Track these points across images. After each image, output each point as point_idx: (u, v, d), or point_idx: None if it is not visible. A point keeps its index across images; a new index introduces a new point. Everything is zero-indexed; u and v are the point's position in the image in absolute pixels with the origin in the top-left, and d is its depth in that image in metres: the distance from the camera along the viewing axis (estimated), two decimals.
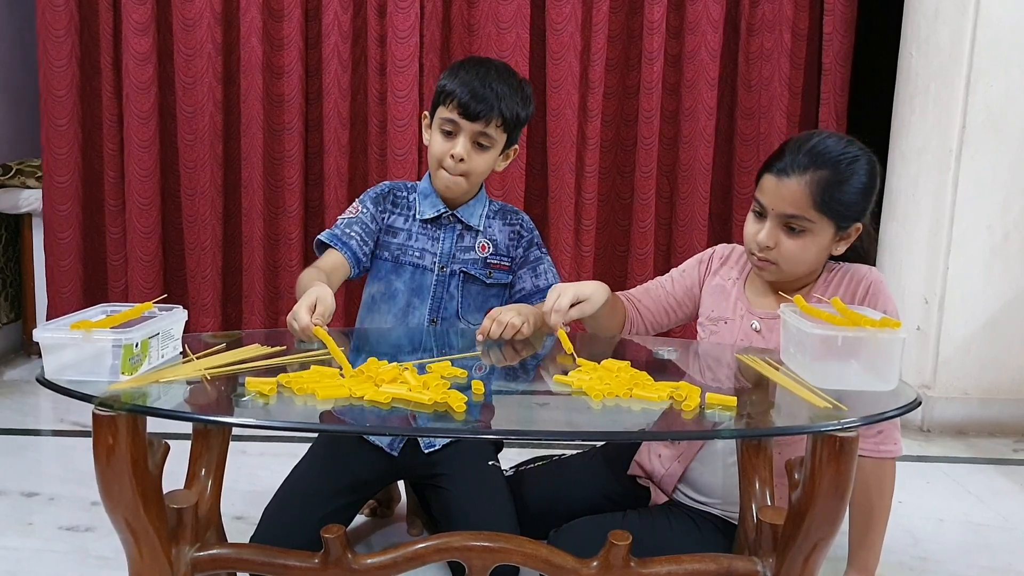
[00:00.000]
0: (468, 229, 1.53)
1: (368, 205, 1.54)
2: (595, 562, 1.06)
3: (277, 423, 0.99)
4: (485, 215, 1.55)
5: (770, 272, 1.32)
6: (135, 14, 2.56)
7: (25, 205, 2.73)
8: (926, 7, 2.36)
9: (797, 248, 1.26)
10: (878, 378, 1.05)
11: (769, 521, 1.08)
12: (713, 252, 1.49)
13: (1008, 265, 2.34)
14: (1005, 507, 1.89)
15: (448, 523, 1.41)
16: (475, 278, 1.52)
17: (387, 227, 1.54)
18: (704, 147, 2.71)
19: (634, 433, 1.11)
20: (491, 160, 1.48)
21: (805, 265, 1.30)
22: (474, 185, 1.50)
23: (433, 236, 1.52)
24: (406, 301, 1.52)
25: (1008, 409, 2.41)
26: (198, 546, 1.09)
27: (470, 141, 1.44)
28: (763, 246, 1.28)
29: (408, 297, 1.52)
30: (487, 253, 1.53)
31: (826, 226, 1.25)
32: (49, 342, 0.99)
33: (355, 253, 1.49)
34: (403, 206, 1.55)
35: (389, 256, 1.52)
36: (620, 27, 2.69)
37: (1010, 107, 2.27)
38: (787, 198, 1.24)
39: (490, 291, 1.54)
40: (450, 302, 1.51)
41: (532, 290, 1.55)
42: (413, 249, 1.52)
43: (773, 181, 1.26)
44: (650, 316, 1.47)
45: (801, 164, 1.23)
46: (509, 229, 1.56)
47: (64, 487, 1.82)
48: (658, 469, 1.45)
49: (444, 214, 1.52)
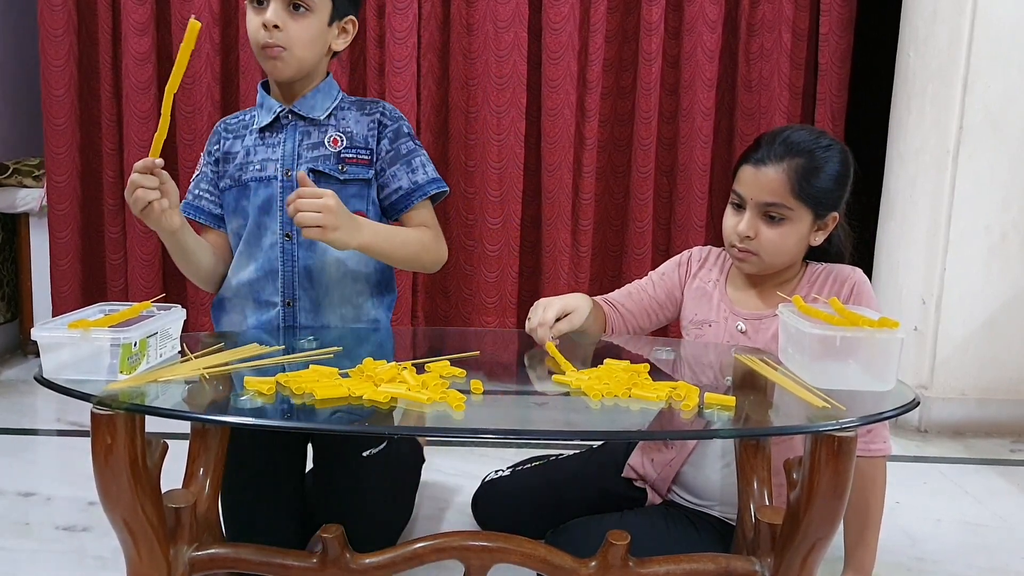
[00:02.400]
0: (313, 124, 1.37)
1: (205, 155, 1.43)
2: (593, 562, 1.06)
3: (275, 423, 0.99)
4: (335, 108, 1.39)
5: (751, 264, 1.32)
6: (134, 14, 2.56)
7: (22, 204, 2.72)
8: (924, 8, 2.36)
9: (777, 237, 1.28)
10: (876, 378, 1.05)
11: (767, 521, 1.08)
12: (690, 255, 1.49)
13: (1006, 265, 2.34)
14: (1002, 507, 1.89)
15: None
16: (327, 175, 1.35)
17: (223, 156, 1.41)
18: (701, 147, 2.71)
19: (633, 433, 1.11)
20: (314, 28, 1.31)
21: (785, 255, 1.31)
22: (303, 60, 1.32)
23: (272, 143, 1.37)
24: (255, 222, 1.37)
25: (1006, 409, 2.41)
26: (196, 546, 1.09)
27: (283, 7, 1.28)
28: (743, 236, 1.29)
29: (257, 216, 1.37)
30: (340, 147, 1.36)
31: (804, 214, 1.28)
32: (47, 341, 0.99)
33: (211, 213, 1.40)
34: (238, 127, 1.42)
35: (232, 183, 1.38)
36: (618, 27, 2.69)
37: (1008, 107, 2.27)
38: (766, 187, 1.26)
39: (348, 190, 1.35)
40: None
41: (410, 188, 1.39)
42: (253, 164, 1.37)
43: (751, 171, 1.28)
44: (632, 320, 1.47)
45: (777, 153, 1.26)
46: (368, 119, 1.39)
47: (61, 487, 1.82)
48: (651, 472, 1.45)
49: (281, 112, 1.37)
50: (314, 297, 1.38)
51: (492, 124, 2.62)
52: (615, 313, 1.46)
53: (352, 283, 1.40)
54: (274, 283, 1.38)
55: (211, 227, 1.44)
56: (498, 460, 1.91)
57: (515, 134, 2.62)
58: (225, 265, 1.45)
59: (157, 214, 1.21)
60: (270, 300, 1.38)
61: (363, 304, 1.41)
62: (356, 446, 1.35)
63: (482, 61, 2.61)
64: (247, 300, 1.41)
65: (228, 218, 1.43)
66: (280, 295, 1.38)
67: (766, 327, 1.34)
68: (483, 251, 2.69)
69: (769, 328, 1.34)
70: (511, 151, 2.63)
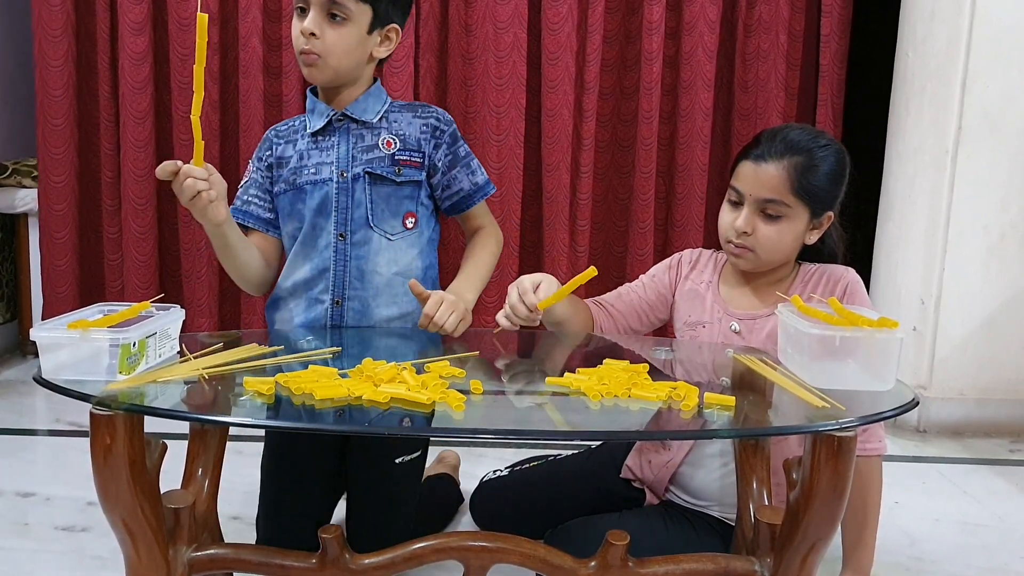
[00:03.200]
0: (366, 126, 1.39)
1: (255, 162, 1.45)
2: (593, 562, 1.06)
3: (275, 423, 0.99)
4: (386, 111, 1.41)
5: (746, 260, 1.33)
6: (131, 14, 2.55)
7: (21, 205, 2.72)
8: (923, 8, 2.36)
9: (774, 233, 1.29)
10: (875, 378, 1.05)
11: (767, 521, 1.08)
12: (680, 257, 1.49)
13: (1004, 265, 2.35)
14: (1001, 507, 1.89)
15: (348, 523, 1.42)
16: (383, 178, 1.38)
17: (276, 161, 1.42)
18: (701, 148, 2.71)
19: (632, 433, 1.11)
20: (353, 37, 1.32)
21: (781, 252, 1.32)
22: (338, 68, 1.34)
23: (326, 146, 1.39)
24: (310, 224, 1.39)
25: (1004, 410, 2.41)
26: (195, 546, 1.09)
27: (321, 14, 1.29)
28: (740, 231, 1.30)
29: (312, 218, 1.38)
30: (394, 149, 1.39)
31: (801, 211, 1.28)
32: (46, 341, 0.99)
33: (261, 218, 1.42)
34: (288, 133, 1.44)
35: (287, 187, 1.40)
36: (617, 28, 2.69)
37: (1007, 107, 2.27)
38: (765, 183, 1.27)
39: (403, 191, 1.39)
40: (357, 210, 1.38)
41: (471, 189, 1.45)
42: (307, 168, 1.39)
43: (751, 167, 1.29)
44: (622, 319, 1.47)
45: (777, 150, 1.27)
46: (421, 122, 1.42)
47: (60, 487, 1.82)
48: (648, 474, 1.45)
49: (334, 116, 1.39)
50: (363, 297, 1.40)
51: (491, 124, 2.62)
52: (603, 313, 1.46)
53: (401, 283, 1.41)
54: (325, 281, 1.39)
55: (259, 230, 1.45)
56: (497, 460, 1.92)
57: (515, 134, 2.62)
58: (270, 269, 1.46)
59: (204, 203, 1.21)
60: (319, 298, 1.40)
61: (408, 303, 1.42)
62: (391, 451, 1.38)
63: (481, 62, 2.61)
64: (299, 298, 1.42)
65: (283, 222, 1.44)
66: (330, 293, 1.39)
67: (760, 327, 1.34)
68: None
69: (763, 328, 1.34)
70: (511, 151, 2.63)
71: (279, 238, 1.46)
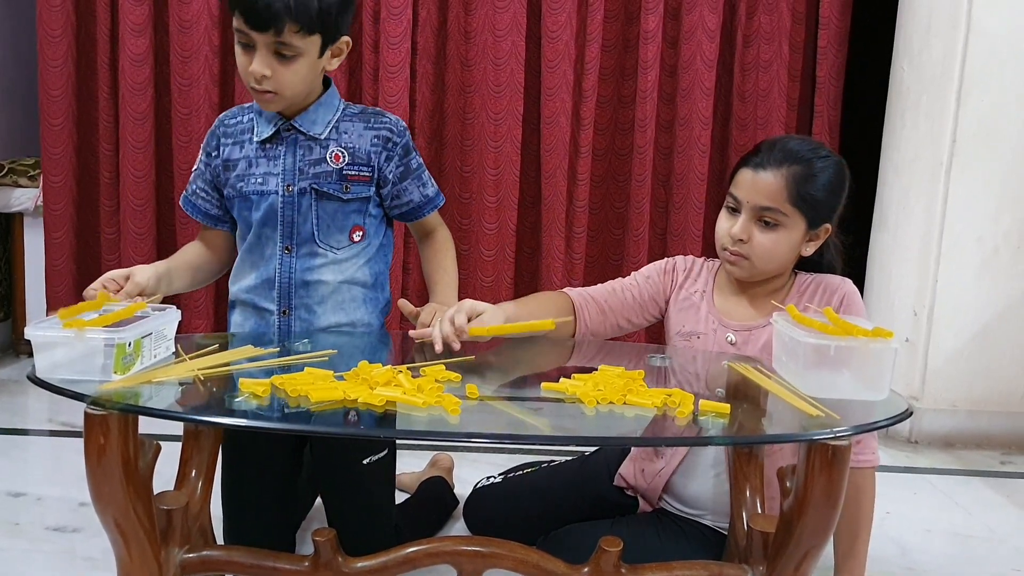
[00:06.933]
0: (314, 140, 1.35)
1: (203, 152, 1.41)
2: (586, 568, 1.06)
3: (269, 424, 0.99)
4: (337, 121, 1.36)
5: (741, 268, 1.33)
6: (132, 15, 2.55)
7: (17, 204, 2.72)
8: (918, 21, 2.38)
9: (770, 242, 1.29)
10: (869, 388, 1.05)
11: (760, 529, 1.08)
12: (675, 263, 1.47)
13: (997, 277, 2.36)
14: (992, 519, 1.90)
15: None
16: (329, 195, 1.34)
17: (224, 163, 1.37)
18: (699, 156, 2.72)
19: (627, 439, 1.12)
20: (304, 68, 1.26)
21: (776, 262, 1.31)
22: (294, 98, 1.30)
23: (272, 155, 1.34)
24: (256, 234, 1.37)
25: (996, 421, 2.42)
26: (188, 548, 1.09)
27: (269, 53, 1.23)
28: (736, 239, 1.30)
29: (258, 229, 1.36)
30: (342, 163, 1.34)
31: (798, 221, 1.28)
32: (41, 340, 0.99)
33: (206, 213, 1.41)
34: (237, 132, 1.39)
35: (234, 193, 1.37)
36: (616, 36, 2.70)
37: (1001, 120, 2.28)
38: (763, 191, 1.27)
39: (350, 207, 1.37)
40: (304, 225, 1.35)
41: (421, 201, 1.43)
42: (254, 177, 1.35)
43: (750, 174, 1.29)
44: (613, 317, 1.42)
45: (776, 159, 1.27)
46: (373, 134, 1.37)
47: (52, 488, 1.81)
48: (640, 482, 1.45)
49: (281, 126, 1.34)
50: (309, 305, 1.39)
51: (489, 130, 2.63)
52: (594, 308, 1.41)
53: (347, 290, 1.40)
54: (271, 292, 1.39)
55: (207, 225, 1.44)
56: (490, 466, 1.92)
57: (511, 141, 2.63)
58: (223, 263, 1.46)
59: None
60: (266, 308, 1.39)
61: (356, 310, 1.42)
62: (357, 453, 1.36)
63: (479, 68, 2.62)
64: (247, 307, 1.42)
65: (234, 224, 1.44)
66: (276, 304, 1.39)
67: (756, 338, 1.34)
68: (479, 255, 2.70)
69: (759, 339, 1.33)
70: (507, 158, 2.64)
71: (227, 231, 1.44)
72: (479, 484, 1.64)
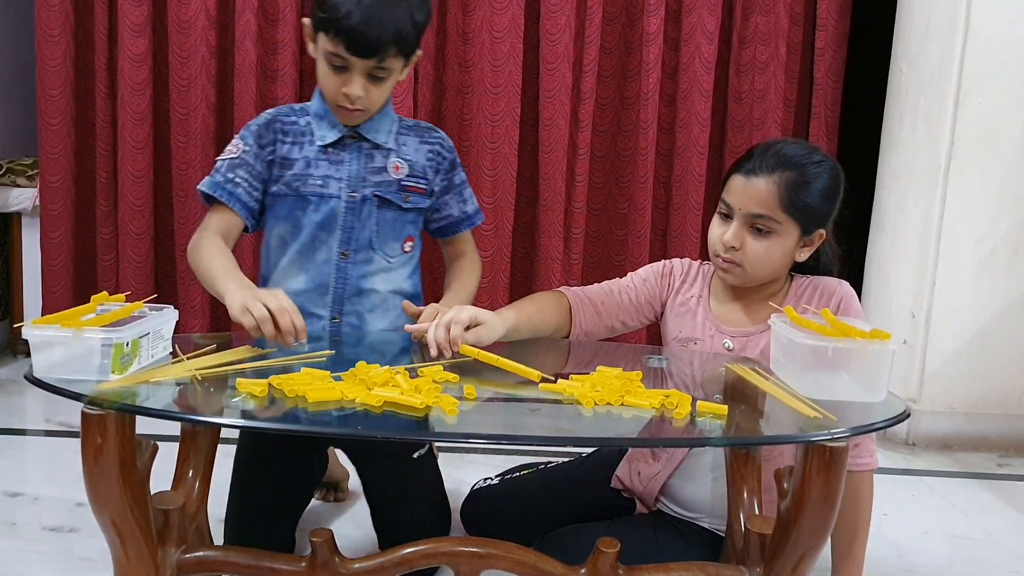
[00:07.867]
0: (377, 148, 1.38)
1: (250, 142, 1.37)
2: (583, 569, 1.06)
3: (266, 425, 0.99)
4: (395, 132, 1.41)
5: (734, 275, 1.31)
6: (131, 15, 2.55)
7: (15, 204, 2.71)
8: (917, 24, 2.38)
9: (762, 250, 1.27)
10: (867, 389, 1.05)
11: (757, 530, 1.08)
12: (672, 267, 1.46)
13: (995, 279, 2.36)
14: (989, 521, 1.90)
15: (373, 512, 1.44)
16: (390, 203, 1.38)
17: (281, 160, 1.38)
18: (698, 158, 2.72)
19: (624, 440, 1.11)
20: (391, 85, 1.33)
21: (769, 269, 1.30)
22: (376, 111, 1.37)
23: (335, 160, 1.37)
24: (311, 235, 1.37)
25: (993, 423, 2.42)
26: (184, 548, 1.09)
27: (364, 76, 1.28)
28: (728, 246, 1.28)
29: (314, 231, 1.37)
30: (402, 174, 1.39)
31: (791, 228, 1.27)
32: (38, 340, 0.99)
33: (246, 205, 1.36)
34: (294, 133, 1.39)
35: (287, 191, 1.37)
36: (616, 38, 2.70)
37: (999, 122, 2.29)
38: (755, 197, 1.25)
39: (406, 217, 1.41)
40: (362, 231, 1.38)
41: (460, 217, 1.47)
42: (313, 178, 1.36)
43: (741, 181, 1.27)
44: (609, 319, 1.41)
45: (769, 165, 1.25)
46: (427, 148, 1.42)
47: (49, 487, 1.81)
48: (637, 485, 1.44)
49: (346, 132, 1.38)
50: (360, 312, 1.41)
51: (487, 132, 2.63)
52: (591, 309, 1.40)
53: (394, 299, 1.43)
54: (324, 297, 1.39)
55: (235, 211, 1.37)
56: (487, 467, 1.92)
57: (509, 142, 2.63)
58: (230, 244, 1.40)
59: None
60: (317, 313, 1.39)
61: (399, 319, 1.42)
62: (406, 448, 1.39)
63: (478, 70, 2.62)
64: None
65: (273, 220, 1.41)
66: (329, 309, 1.40)
67: (754, 343, 1.33)
68: None
69: (757, 344, 1.33)
70: (505, 159, 2.64)
71: (248, 222, 1.40)
72: (476, 485, 1.64)
